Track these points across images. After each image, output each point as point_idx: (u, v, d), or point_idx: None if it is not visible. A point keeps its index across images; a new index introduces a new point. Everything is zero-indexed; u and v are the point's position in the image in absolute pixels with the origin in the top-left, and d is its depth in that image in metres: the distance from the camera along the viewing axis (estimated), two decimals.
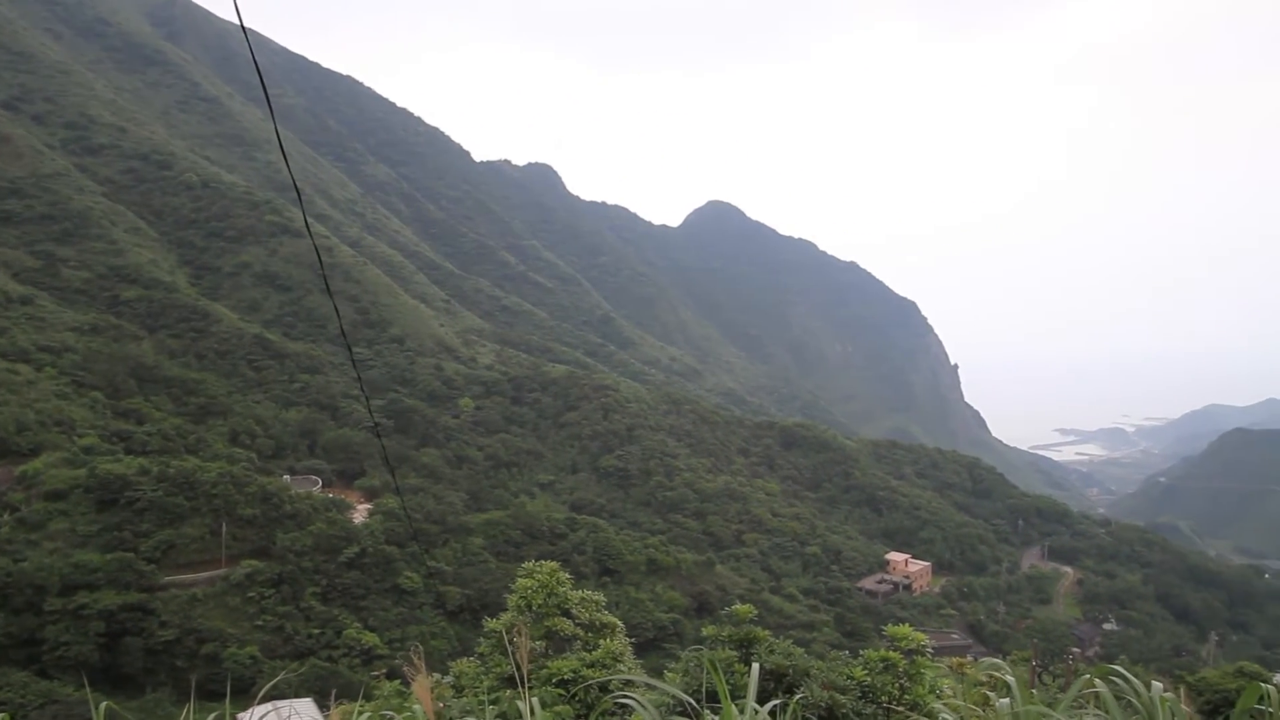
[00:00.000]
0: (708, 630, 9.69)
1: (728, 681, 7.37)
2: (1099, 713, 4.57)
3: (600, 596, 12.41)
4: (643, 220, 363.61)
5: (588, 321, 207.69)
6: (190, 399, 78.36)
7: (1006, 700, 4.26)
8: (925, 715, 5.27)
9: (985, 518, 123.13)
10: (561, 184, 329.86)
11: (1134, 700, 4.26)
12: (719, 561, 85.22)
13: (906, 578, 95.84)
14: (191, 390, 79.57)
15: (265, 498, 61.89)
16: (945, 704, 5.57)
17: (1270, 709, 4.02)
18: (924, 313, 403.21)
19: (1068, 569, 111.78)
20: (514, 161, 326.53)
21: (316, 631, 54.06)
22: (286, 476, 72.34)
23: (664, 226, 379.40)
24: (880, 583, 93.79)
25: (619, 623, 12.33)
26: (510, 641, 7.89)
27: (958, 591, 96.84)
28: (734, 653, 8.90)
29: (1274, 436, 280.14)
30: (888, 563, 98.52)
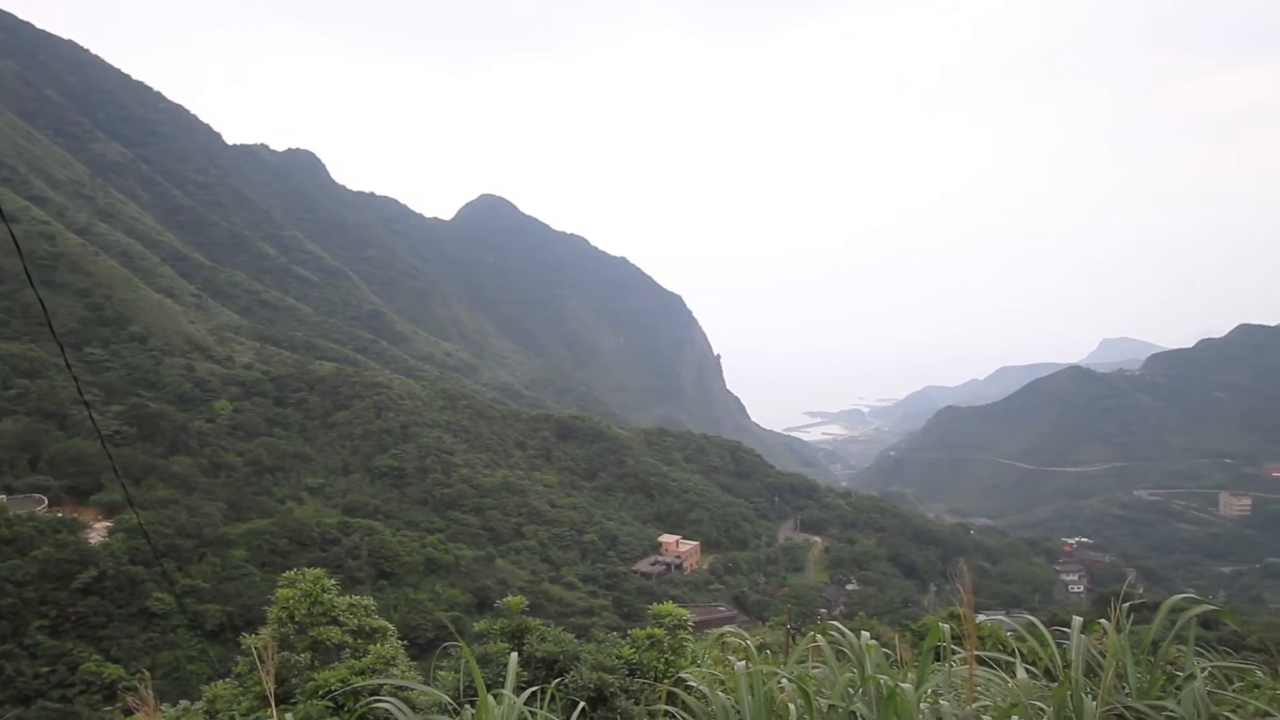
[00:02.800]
0: (479, 625, 9.88)
1: (502, 675, 8.18)
2: (819, 665, 5.13)
3: (370, 601, 12.08)
4: (414, 213, 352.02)
5: (357, 317, 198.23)
6: None
7: (744, 663, 4.59)
8: (675, 685, 5.47)
9: (746, 496, 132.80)
10: (325, 172, 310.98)
11: (847, 650, 4.76)
12: (499, 555, 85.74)
13: (678, 557, 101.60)
14: None
15: None
16: (692, 671, 5.85)
17: (943, 644, 4.67)
18: (689, 306, 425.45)
19: (817, 538, 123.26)
20: (272, 146, 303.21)
21: (45, 670, 48.09)
22: (2, 496, 63.50)
23: (436, 219, 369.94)
24: (654, 564, 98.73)
25: (390, 626, 12.12)
26: (260, 659, 7.53)
27: (724, 567, 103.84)
28: (505, 645, 9.05)
29: (976, 412, 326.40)
30: (660, 545, 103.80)
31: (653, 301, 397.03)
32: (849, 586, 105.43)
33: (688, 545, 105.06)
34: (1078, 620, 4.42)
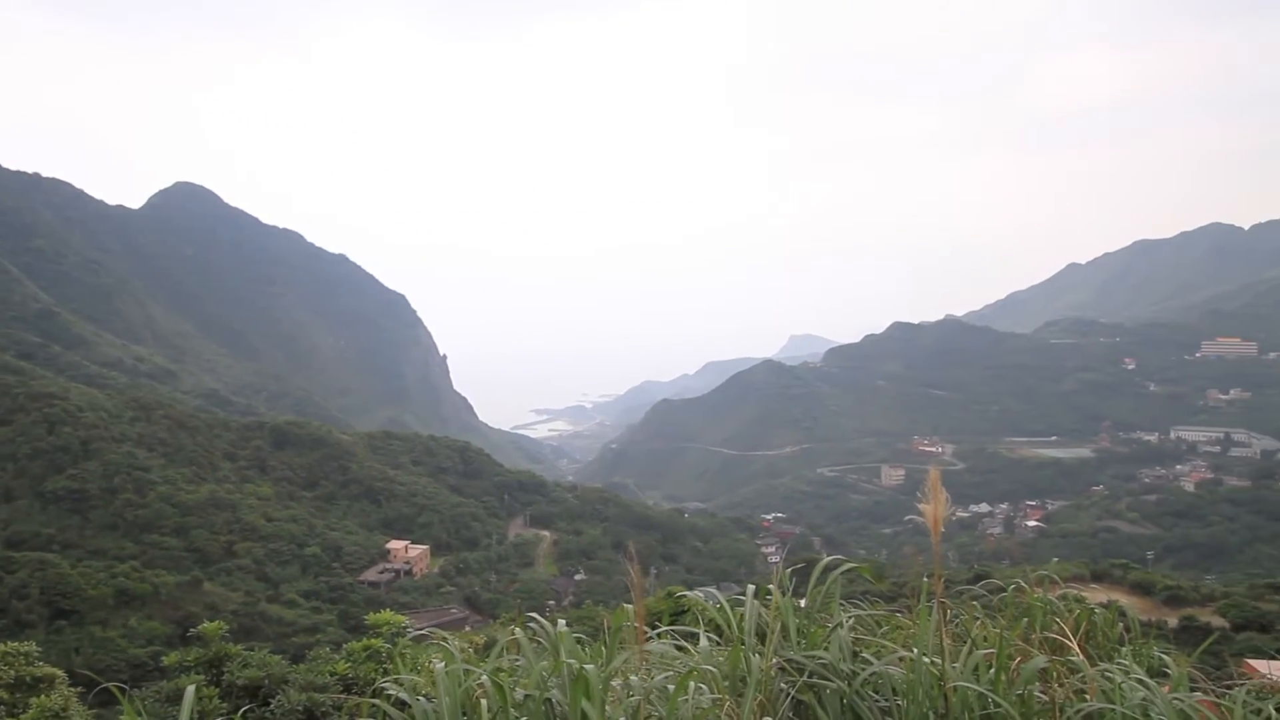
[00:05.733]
0: (169, 659, 9.07)
1: (199, 707, 7.18)
2: (519, 658, 5.35)
3: (31, 647, 10.69)
4: (93, 198, 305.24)
5: (20, 317, 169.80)
6: None
7: (441, 664, 4.71)
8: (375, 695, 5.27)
9: (476, 496, 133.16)
10: None
11: (543, 640, 4.95)
12: (207, 578, 79.63)
13: (407, 563, 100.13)
14: None
15: None
16: (392, 679, 5.63)
17: (628, 623, 5.15)
18: (414, 306, 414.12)
19: (546, 532, 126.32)
20: None
21: None
22: None
23: (121, 207, 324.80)
24: (383, 572, 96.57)
25: (60, 673, 10.77)
26: None
27: (455, 568, 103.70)
28: (202, 677, 8.42)
29: (687, 404, 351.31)
30: (389, 551, 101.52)
31: (375, 301, 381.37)
32: (577, 576, 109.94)
33: (417, 550, 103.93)
34: (750, 588, 5.03)
